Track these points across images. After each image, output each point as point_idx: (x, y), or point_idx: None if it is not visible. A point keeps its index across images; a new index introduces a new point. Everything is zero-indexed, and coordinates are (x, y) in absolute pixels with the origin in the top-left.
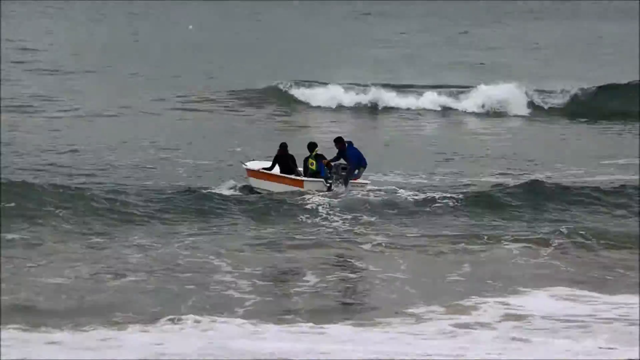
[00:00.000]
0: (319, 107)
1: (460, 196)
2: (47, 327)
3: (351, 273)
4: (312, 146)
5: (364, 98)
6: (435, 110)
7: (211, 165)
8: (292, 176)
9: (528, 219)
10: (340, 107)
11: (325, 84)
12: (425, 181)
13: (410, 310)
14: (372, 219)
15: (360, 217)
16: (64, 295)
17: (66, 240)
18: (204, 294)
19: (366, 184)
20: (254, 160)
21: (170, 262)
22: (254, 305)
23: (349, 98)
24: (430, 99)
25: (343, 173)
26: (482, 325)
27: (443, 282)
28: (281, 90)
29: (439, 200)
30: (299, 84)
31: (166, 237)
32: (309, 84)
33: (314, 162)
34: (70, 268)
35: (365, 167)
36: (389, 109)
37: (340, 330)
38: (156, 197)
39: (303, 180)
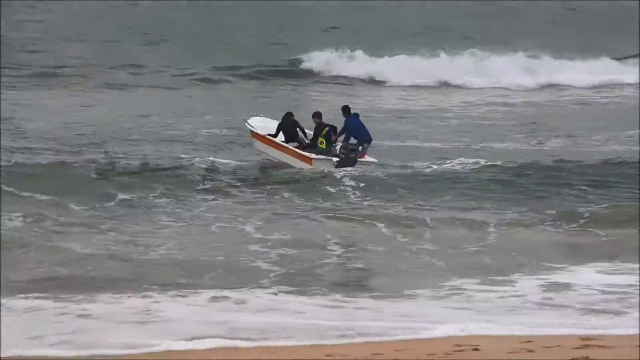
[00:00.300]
0: (336, 79)
1: (488, 167)
2: (76, 298)
3: (376, 245)
4: (317, 115)
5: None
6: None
7: (232, 136)
8: (301, 151)
9: (557, 192)
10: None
11: (343, 54)
12: (444, 148)
13: (447, 284)
14: (393, 191)
15: (380, 189)
16: (89, 266)
17: (91, 209)
18: (230, 265)
19: (373, 162)
20: (256, 115)
21: (198, 231)
22: (282, 277)
23: (378, 69)
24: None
25: (352, 155)
26: (530, 299)
27: (471, 254)
28: (298, 62)
29: (462, 172)
30: (315, 55)
31: (191, 207)
32: (326, 55)
33: (324, 141)
34: (96, 237)
35: (369, 143)
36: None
37: (380, 304)
38: (180, 167)
39: (312, 158)
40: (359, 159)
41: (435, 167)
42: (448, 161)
